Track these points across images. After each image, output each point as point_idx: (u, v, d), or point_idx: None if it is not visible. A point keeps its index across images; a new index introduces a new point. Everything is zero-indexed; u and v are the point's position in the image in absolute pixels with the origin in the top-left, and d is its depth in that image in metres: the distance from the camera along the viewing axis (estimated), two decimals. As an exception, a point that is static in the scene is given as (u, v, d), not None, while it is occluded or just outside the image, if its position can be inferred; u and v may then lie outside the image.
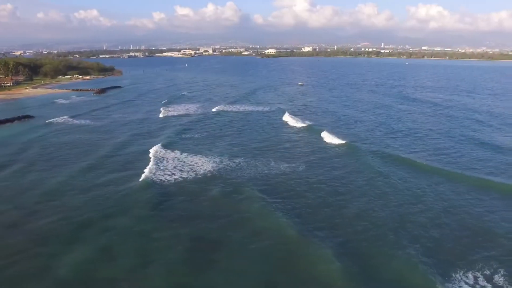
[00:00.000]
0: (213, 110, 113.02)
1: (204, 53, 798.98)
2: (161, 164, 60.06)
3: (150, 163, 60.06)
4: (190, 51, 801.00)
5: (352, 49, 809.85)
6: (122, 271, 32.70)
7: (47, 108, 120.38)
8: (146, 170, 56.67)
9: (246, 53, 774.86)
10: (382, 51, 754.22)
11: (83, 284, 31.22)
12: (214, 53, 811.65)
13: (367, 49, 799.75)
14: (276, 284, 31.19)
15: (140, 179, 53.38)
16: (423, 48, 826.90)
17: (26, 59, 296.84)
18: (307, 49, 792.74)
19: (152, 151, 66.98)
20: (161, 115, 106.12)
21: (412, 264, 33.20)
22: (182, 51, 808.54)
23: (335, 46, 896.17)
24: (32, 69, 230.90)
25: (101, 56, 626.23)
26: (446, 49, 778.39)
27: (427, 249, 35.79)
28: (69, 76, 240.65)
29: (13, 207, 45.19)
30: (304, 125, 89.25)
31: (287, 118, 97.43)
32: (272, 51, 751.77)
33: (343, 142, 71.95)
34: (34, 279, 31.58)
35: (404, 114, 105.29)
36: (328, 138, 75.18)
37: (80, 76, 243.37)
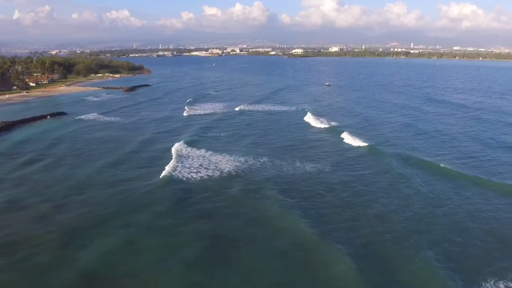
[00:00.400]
0: (238, 109, 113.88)
1: (231, 53, 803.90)
2: (185, 161, 61.08)
3: (173, 160, 61.26)
4: (218, 51, 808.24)
5: (380, 49, 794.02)
6: (143, 265, 33.53)
7: (79, 105, 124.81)
8: (169, 167, 57.83)
9: (273, 52, 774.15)
10: (412, 51, 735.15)
11: (106, 275, 32.26)
12: (241, 52, 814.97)
13: (395, 49, 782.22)
14: (293, 284, 31.19)
15: (163, 176, 54.59)
16: (455, 48, 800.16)
17: (61, 58, 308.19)
18: (334, 49, 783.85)
19: (175, 148, 68.32)
20: (186, 114, 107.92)
21: (432, 269, 32.39)
22: (209, 50, 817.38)
23: (363, 46, 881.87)
24: (66, 68, 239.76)
25: (131, 55, 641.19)
26: (479, 49, 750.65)
27: (450, 254, 34.85)
28: (100, 75, 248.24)
29: (42, 199, 47.20)
30: (329, 126, 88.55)
31: (312, 118, 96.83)
32: (299, 51, 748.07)
33: (368, 143, 70.95)
34: (59, 268, 32.90)
35: (431, 116, 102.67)
36: (353, 139, 74.30)
37: (111, 75, 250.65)
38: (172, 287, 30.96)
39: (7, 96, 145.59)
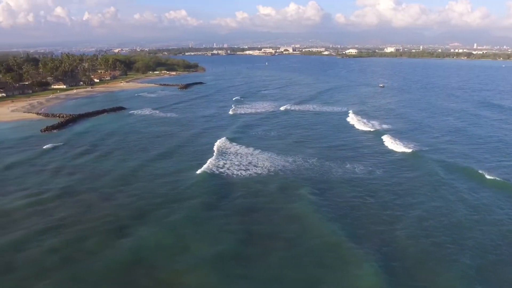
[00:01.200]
0: (284, 108, 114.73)
1: (284, 52, 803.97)
2: (234, 158, 63.26)
3: (214, 156, 63.83)
4: (271, 50, 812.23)
5: (440, 50, 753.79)
6: (183, 255, 35.33)
7: (136, 101, 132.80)
8: (211, 162, 60.20)
9: (326, 52, 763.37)
10: (474, 52, 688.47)
11: (146, 263, 34.23)
12: (294, 52, 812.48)
13: (456, 50, 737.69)
14: (325, 284, 31.46)
15: (205, 170, 56.80)
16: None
17: (122, 56, 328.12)
18: (390, 49, 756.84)
19: (217, 144, 71.00)
20: (234, 112, 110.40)
21: (471, 281, 31.17)
22: (262, 49, 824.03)
23: (421, 47, 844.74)
24: (126, 65, 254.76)
25: (187, 54, 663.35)
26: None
27: (494, 267, 33.26)
28: (158, 72, 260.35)
29: (93, 188, 51.11)
30: (379, 128, 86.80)
31: (362, 120, 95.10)
32: (353, 51, 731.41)
33: (417, 148, 68.71)
34: (103, 254, 35.38)
35: (488, 122, 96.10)
36: (401, 143, 71.83)
37: (167, 72, 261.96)
38: (209, 277, 32.34)
39: (75, 91, 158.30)
